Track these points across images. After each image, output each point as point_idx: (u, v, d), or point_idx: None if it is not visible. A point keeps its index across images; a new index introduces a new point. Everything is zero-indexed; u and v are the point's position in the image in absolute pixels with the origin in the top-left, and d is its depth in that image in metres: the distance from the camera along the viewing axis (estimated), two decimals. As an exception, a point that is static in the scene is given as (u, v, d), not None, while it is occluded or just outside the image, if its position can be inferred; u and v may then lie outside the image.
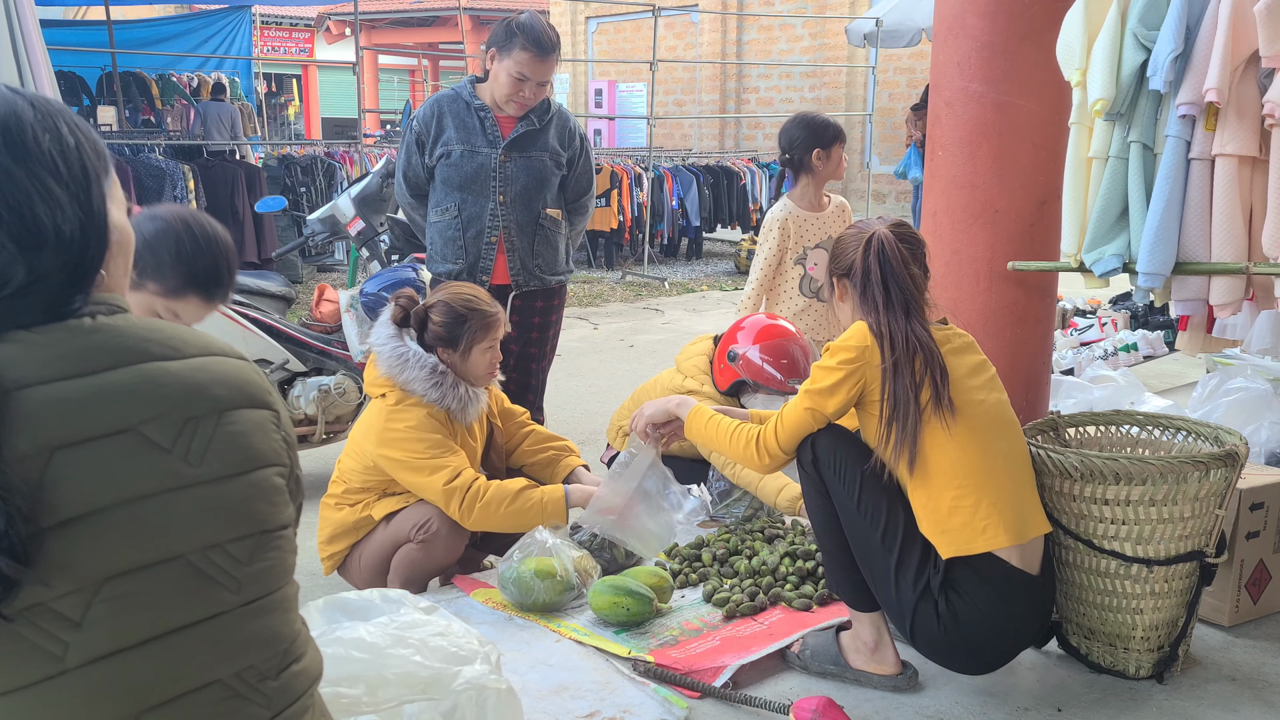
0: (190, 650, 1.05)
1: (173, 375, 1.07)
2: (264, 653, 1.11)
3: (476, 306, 2.72)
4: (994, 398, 2.17)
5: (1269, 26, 2.28)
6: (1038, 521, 2.16)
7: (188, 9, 14.99)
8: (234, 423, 1.11)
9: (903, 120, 12.85)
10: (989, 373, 2.20)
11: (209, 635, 1.06)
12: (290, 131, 19.33)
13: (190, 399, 1.08)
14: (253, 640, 1.10)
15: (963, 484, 2.06)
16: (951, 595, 2.07)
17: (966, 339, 2.23)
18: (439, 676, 1.70)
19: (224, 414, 1.10)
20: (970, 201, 2.87)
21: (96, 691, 1.00)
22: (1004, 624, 2.10)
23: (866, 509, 2.12)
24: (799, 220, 3.69)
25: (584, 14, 17.44)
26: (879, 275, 2.12)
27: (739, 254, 10.31)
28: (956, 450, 2.07)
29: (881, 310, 2.11)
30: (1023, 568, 2.10)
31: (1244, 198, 2.45)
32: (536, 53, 3.23)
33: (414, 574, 2.68)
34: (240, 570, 1.09)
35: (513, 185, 3.38)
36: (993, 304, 2.84)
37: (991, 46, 2.80)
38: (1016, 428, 2.22)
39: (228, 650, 1.08)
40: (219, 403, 1.10)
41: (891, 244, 2.14)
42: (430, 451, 2.62)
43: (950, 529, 2.06)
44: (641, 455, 2.56)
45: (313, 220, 4.25)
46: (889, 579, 2.11)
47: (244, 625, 1.09)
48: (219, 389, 1.10)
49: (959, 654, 2.15)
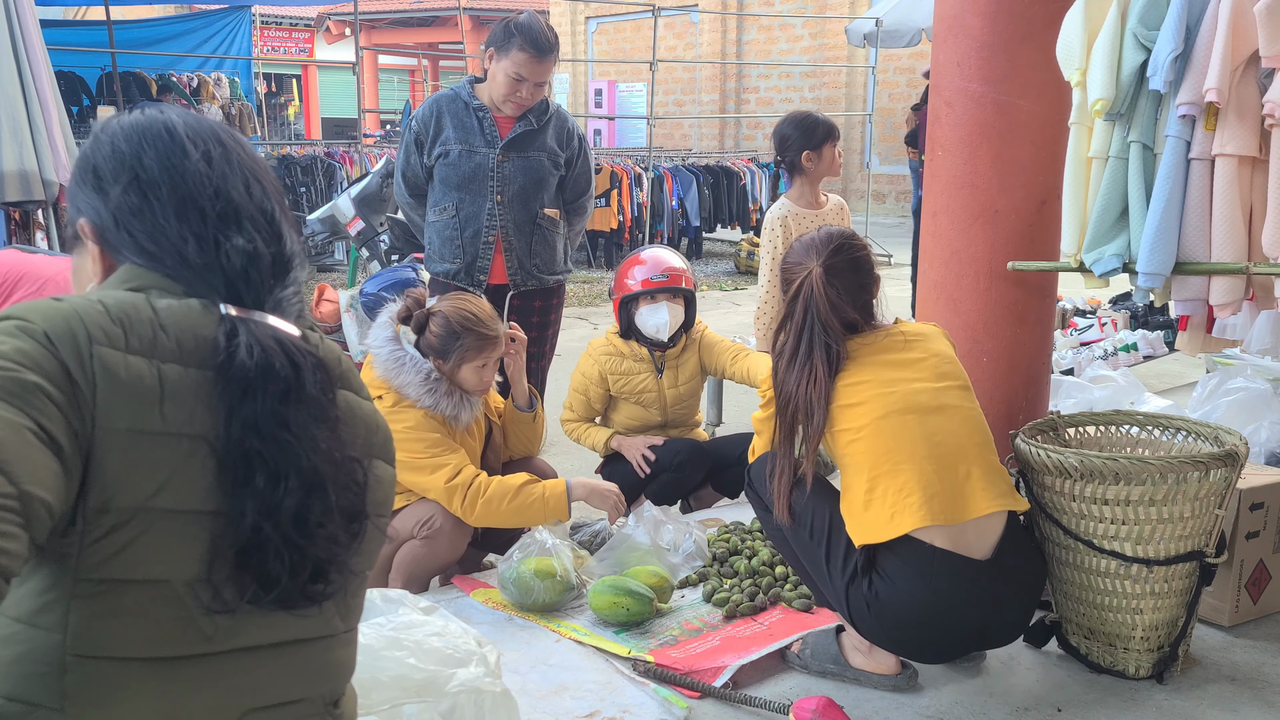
0: (303, 664, 1.11)
1: (358, 410, 1.19)
2: (340, 680, 1.18)
3: (473, 326, 2.69)
4: (921, 386, 2.17)
5: (1269, 26, 2.27)
6: (979, 503, 2.09)
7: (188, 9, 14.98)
8: (378, 470, 1.21)
9: (903, 120, 12.86)
10: (930, 362, 2.21)
11: (317, 654, 1.13)
12: (290, 131, 19.33)
13: (365, 440, 1.18)
14: (338, 666, 1.17)
15: (874, 473, 2.11)
16: (874, 577, 2.11)
17: (914, 335, 2.25)
18: (433, 679, 1.69)
19: (374, 461, 1.20)
20: (970, 201, 2.87)
21: (224, 678, 1.04)
22: (933, 606, 2.07)
23: (794, 514, 2.24)
24: (798, 217, 3.70)
25: (584, 14, 17.44)
26: (798, 321, 2.21)
27: (739, 254, 10.31)
28: (868, 443, 2.13)
29: (786, 358, 2.22)
30: (954, 549, 2.07)
31: (1244, 198, 2.45)
32: (534, 53, 3.23)
33: (417, 571, 2.68)
34: (349, 600, 1.17)
35: (510, 185, 3.38)
36: (993, 304, 2.84)
37: (991, 46, 2.80)
38: (955, 412, 2.17)
39: (322, 671, 1.14)
40: (373, 449, 1.21)
41: (820, 289, 2.19)
42: (430, 450, 2.62)
43: (862, 519, 2.11)
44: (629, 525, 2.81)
45: (313, 220, 4.26)
46: (823, 571, 2.21)
47: (338, 651, 1.16)
48: (379, 437, 1.23)
49: (901, 638, 2.15)
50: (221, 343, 1.03)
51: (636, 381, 3.34)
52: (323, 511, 1.04)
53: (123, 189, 1.11)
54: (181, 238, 1.09)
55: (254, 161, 1.17)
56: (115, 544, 0.96)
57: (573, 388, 3.43)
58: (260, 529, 1.00)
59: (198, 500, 1.00)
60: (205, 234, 1.09)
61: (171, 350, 1.02)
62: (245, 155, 1.17)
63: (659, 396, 3.36)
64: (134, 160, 1.11)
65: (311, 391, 1.07)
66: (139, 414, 0.97)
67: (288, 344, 1.07)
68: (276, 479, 1.01)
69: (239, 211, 1.12)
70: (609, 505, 2.85)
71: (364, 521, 1.12)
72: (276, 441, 1.02)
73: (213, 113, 11.33)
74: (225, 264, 1.08)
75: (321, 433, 1.06)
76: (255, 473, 1.01)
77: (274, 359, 1.04)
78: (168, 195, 1.10)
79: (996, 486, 2.15)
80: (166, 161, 1.11)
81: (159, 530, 0.98)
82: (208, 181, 1.11)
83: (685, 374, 3.40)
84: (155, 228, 1.09)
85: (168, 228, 1.09)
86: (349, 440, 1.12)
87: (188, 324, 1.04)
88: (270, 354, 1.04)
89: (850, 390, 2.19)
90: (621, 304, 3.33)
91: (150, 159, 1.11)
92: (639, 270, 3.32)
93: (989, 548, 2.11)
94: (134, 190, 1.10)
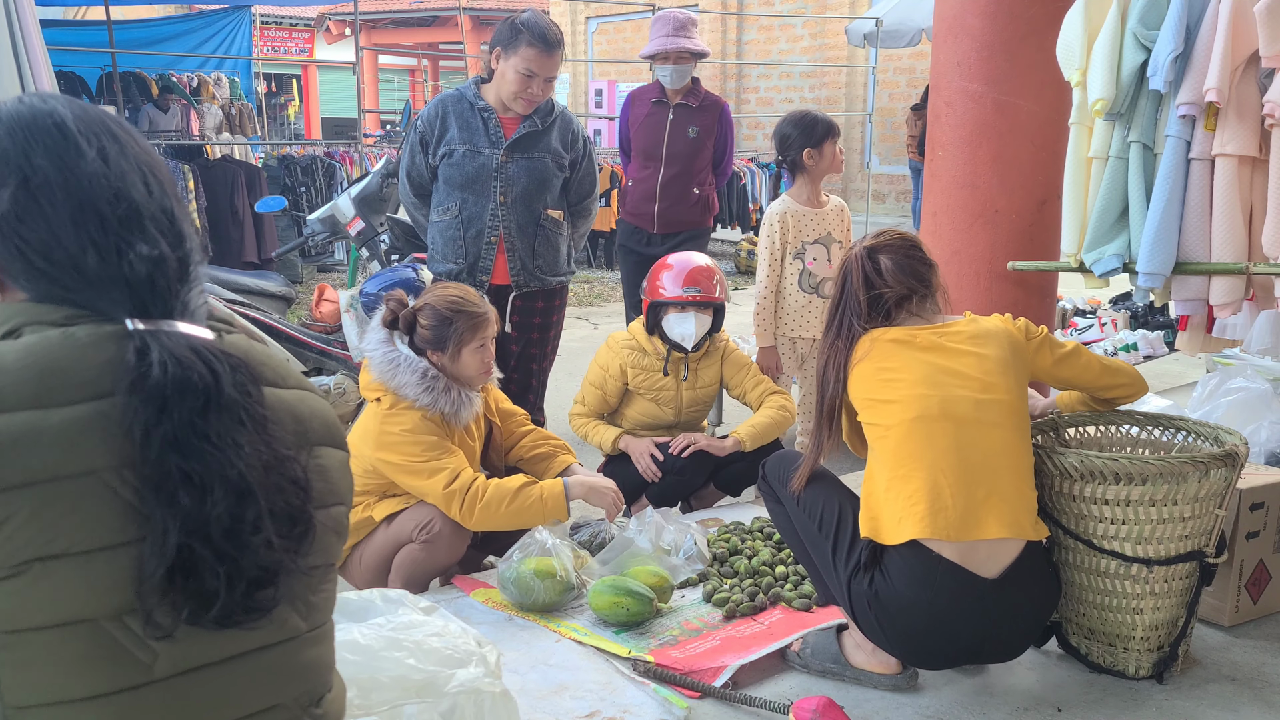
0: (264, 672, 1.06)
1: (283, 402, 1.10)
2: (315, 680, 1.13)
3: (462, 308, 2.70)
4: (964, 394, 2.11)
5: (1269, 26, 2.27)
6: (990, 527, 2.05)
7: (188, 9, 14.98)
8: (322, 458, 1.13)
9: (903, 120, 12.86)
10: (982, 369, 2.14)
11: (280, 659, 1.07)
12: (290, 131, 19.33)
13: (297, 431, 1.10)
14: (310, 667, 1.12)
15: (892, 474, 2.11)
16: (876, 574, 2.10)
17: (976, 336, 2.19)
18: (433, 679, 1.69)
19: (315, 448, 1.12)
20: (970, 201, 2.87)
21: (176, 704, 1.00)
22: (930, 614, 2.05)
23: (805, 505, 2.28)
24: (796, 215, 3.70)
25: (584, 14, 17.44)
26: (836, 296, 2.30)
27: (739, 254, 10.31)
28: (894, 442, 2.12)
29: (825, 332, 2.33)
30: (962, 563, 2.04)
31: (1244, 198, 2.45)
32: (543, 48, 3.23)
33: (416, 574, 2.68)
34: (309, 598, 1.10)
35: (514, 186, 3.38)
36: (993, 304, 2.84)
37: (991, 46, 2.80)
38: (993, 430, 2.11)
39: (291, 675, 1.09)
40: (313, 436, 1.13)
41: (858, 264, 2.26)
42: (428, 454, 2.62)
43: (875, 513, 2.12)
44: (633, 528, 2.80)
45: (313, 220, 4.26)
46: (829, 563, 2.21)
47: (306, 651, 1.11)
48: (315, 423, 1.14)
49: (898, 640, 2.14)
50: (131, 361, 0.96)
51: (656, 379, 3.36)
52: (255, 519, 0.99)
53: (10, 195, 0.99)
54: (80, 248, 0.99)
55: (148, 154, 1.08)
56: (16, 595, 0.92)
57: (589, 380, 3.43)
58: (189, 547, 0.95)
59: (107, 536, 0.94)
60: (106, 242, 0.99)
61: (42, 396, 0.94)
62: (139, 148, 1.07)
63: (676, 396, 3.37)
64: (21, 160, 1.00)
65: (231, 395, 1.00)
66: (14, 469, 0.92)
67: (203, 351, 1.00)
68: (202, 494, 0.96)
69: (141, 214, 1.02)
70: (606, 502, 2.85)
71: (308, 519, 1.06)
72: (199, 455, 0.96)
73: (213, 113, 11.32)
74: (129, 274, 0.99)
75: (246, 437, 1.00)
76: (178, 491, 0.95)
77: (191, 371, 0.97)
78: (63, 200, 0.99)
79: (1015, 514, 2.08)
80: (59, 161, 1.00)
81: (65, 574, 0.93)
82: (106, 183, 1.01)
83: (705, 379, 3.42)
84: (50, 239, 0.99)
85: (64, 238, 0.99)
86: (278, 437, 1.05)
87: (68, 361, 0.96)
88: (186, 366, 0.98)
89: (886, 385, 2.16)
90: (651, 304, 3.34)
91: (41, 159, 1.00)
92: (669, 274, 3.32)
93: (999, 568, 2.07)
94: (23, 196, 0.99)
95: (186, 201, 7.69)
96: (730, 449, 3.25)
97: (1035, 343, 2.27)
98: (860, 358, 2.21)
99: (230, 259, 7.98)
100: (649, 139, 4.58)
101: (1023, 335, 2.26)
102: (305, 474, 1.06)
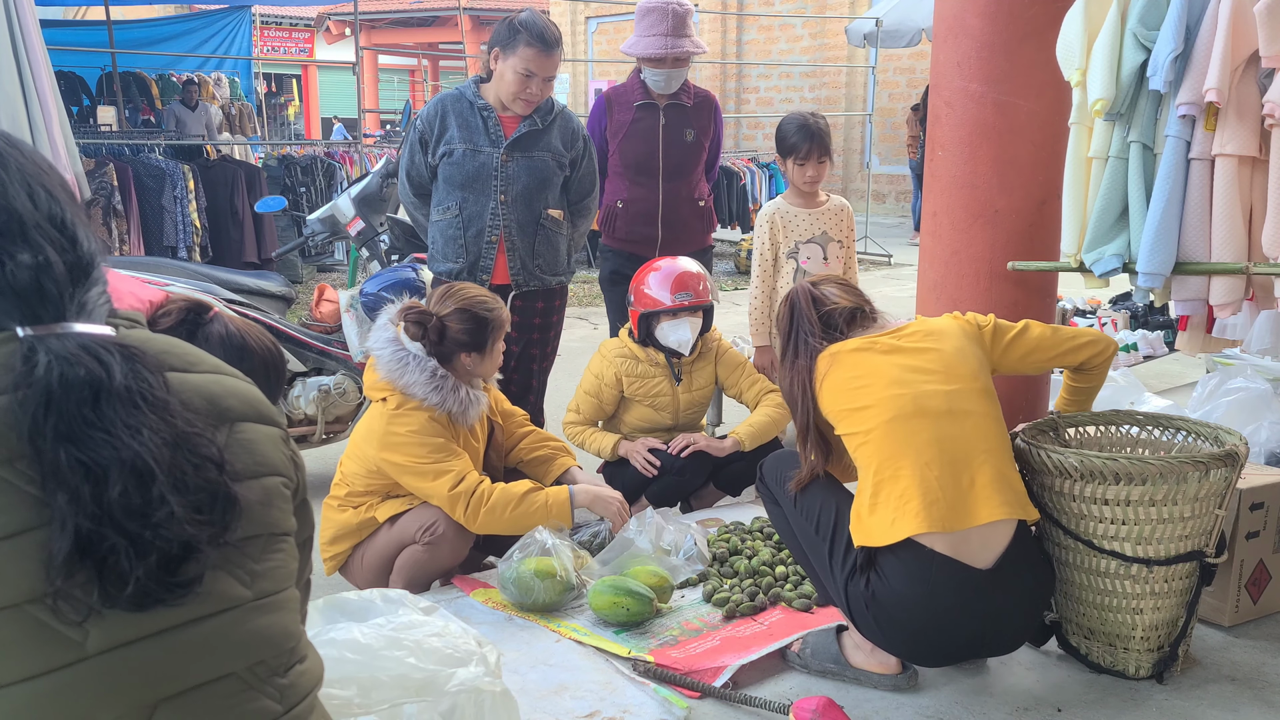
0: (207, 642, 1.08)
1: (190, 384, 1.13)
2: (273, 649, 1.14)
3: (492, 306, 2.77)
4: (932, 388, 2.16)
5: (1269, 26, 2.28)
6: (981, 511, 2.07)
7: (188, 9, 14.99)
8: (245, 432, 1.16)
9: (903, 120, 12.86)
10: (945, 363, 2.20)
11: (224, 627, 1.09)
12: (290, 131, 19.33)
13: (210, 410, 1.13)
14: (264, 635, 1.13)
15: (878, 478, 2.12)
16: (873, 576, 2.11)
17: (930, 333, 2.27)
18: (433, 679, 1.69)
19: (236, 424, 1.16)
20: (970, 201, 2.87)
21: (115, 679, 1.02)
22: (928, 611, 2.06)
23: (802, 508, 2.30)
24: (786, 215, 3.71)
25: (584, 14, 17.43)
26: (787, 323, 2.39)
27: (739, 254, 10.30)
28: (875, 446, 2.14)
29: (781, 360, 2.41)
30: (955, 556, 2.05)
31: (1244, 198, 2.45)
32: (541, 48, 3.23)
33: (418, 575, 2.69)
34: (250, 567, 1.13)
35: (514, 185, 3.38)
36: (993, 304, 2.83)
37: (991, 46, 2.80)
38: (966, 417, 2.15)
39: (241, 644, 1.10)
40: (232, 414, 1.16)
41: (803, 290, 2.40)
42: (433, 456, 2.62)
43: (867, 523, 2.12)
44: (634, 529, 2.80)
45: (313, 220, 4.25)
46: (826, 566, 2.23)
47: (256, 620, 1.12)
48: (232, 401, 1.17)
49: (898, 640, 2.15)
50: (18, 366, 1.00)
51: (651, 385, 3.36)
52: (159, 497, 1.02)
53: None
54: None
55: (35, 165, 1.10)
56: None
57: (583, 389, 3.43)
58: (91, 530, 0.99)
59: (7, 524, 0.98)
60: None
61: None
62: (24, 159, 1.10)
63: (673, 400, 3.38)
64: None
65: (124, 384, 1.03)
66: None
67: (93, 346, 1.04)
68: (99, 479, 0.99)
69: (23, 223, 1.05)
70: (611, 512, 2.86)
71: (227, 493, 1.08)
72: (91, 443, 1.00)
73: (212, 113, 11.34)
74: (13, 282, 1.03)
75: (143, 419, 1.03)
76: (73, 478, 0.99)
77: (77, 367, 1.01)
78: None
79: (1002, 494, 2.11)
80: None
81: None
82: None
83: (700, 381, 3.43)
84: None
85: None
86: (184, 417, 1.08)
87: None
88: (73, 362, 1.01)
89: (857, 393, 2.19)
90: (641, 315, 3.34)
91: None
92: (656, 281, 3.32)
93: (992, 557, 2.08)
94: None
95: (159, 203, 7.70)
96: (729, 449, 3.26)
97: (987, 330, 2.34)
98: (824, 373, 2.26)
99: (230, 259, 7.98)
100: (640, 149, 3.89)
101: (973, 325, 2.33)
102: (219, 450, 1.09)
